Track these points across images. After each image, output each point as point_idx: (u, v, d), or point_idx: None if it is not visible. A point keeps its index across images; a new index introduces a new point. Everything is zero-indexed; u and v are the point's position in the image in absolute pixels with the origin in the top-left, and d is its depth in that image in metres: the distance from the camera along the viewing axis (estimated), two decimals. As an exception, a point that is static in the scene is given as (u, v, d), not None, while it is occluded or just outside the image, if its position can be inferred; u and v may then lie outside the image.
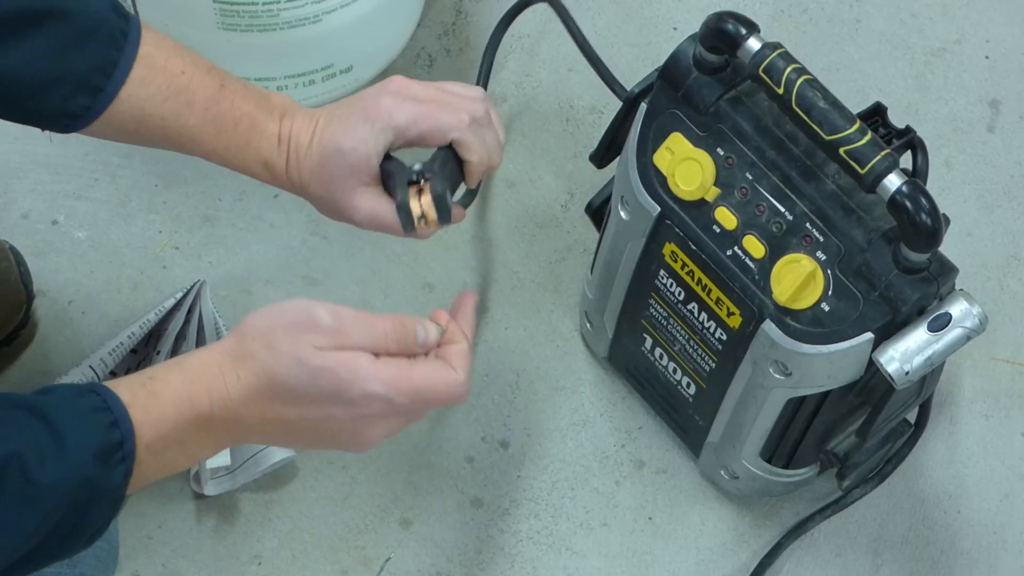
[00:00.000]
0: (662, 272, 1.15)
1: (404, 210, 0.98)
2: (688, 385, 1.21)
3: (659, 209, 1.11)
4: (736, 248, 1.08)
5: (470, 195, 1.31)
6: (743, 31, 1.04)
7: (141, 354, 1.25)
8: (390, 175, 0.99)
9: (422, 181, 0.98)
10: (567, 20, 1.40)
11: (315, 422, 0.90)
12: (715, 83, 1.08)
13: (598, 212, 1.27)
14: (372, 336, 0.89)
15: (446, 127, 0.99)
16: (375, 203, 1.00)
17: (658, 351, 1.22)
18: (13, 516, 0.80)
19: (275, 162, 1.01)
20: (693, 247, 1.10)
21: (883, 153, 1.00)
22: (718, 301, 1.11)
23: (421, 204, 0.98)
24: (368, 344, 0.89)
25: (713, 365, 1.16)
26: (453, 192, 1.01)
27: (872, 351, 1.04)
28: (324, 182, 1.00)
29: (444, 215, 0.98)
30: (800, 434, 1.16)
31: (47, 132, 1.39)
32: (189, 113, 0.98)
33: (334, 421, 0.90)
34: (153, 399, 0.86)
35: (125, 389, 0.86)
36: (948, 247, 1.04)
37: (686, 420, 1.25)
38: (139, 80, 0.96)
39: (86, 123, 0.97)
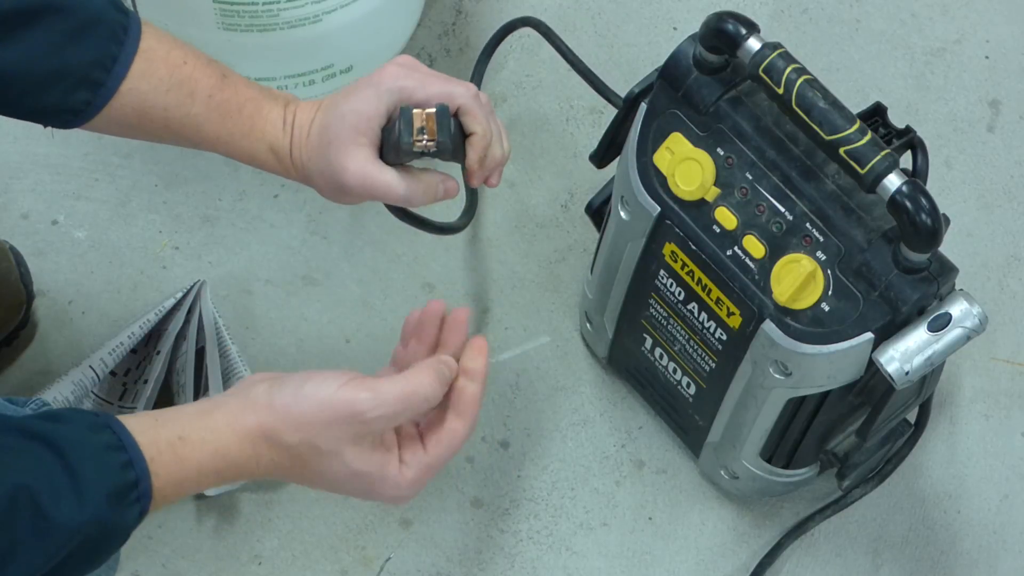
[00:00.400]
0: (662, 272, 1.15)
1: (406, 116, 0.96)
2: (688, 385, 1.21)
3: (659, 209, 1.11)
4: (736, 248, 1.08)
5: (468, 213, 1.26)
6: (743, 31, 1.04)
7: (141, 354, 1.25)
8: (389, 133, 0.98)
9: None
10: (554, 41, 1.39)
11: (338, 493, 0.93)
12: (715, 83, 1.08)
13: (598, 212, 1.27)
14: (413, 409, 0.90)
15: (454, 93, 0.98)
16: (367, 162, 0.97)
17: (658, 351, 1.22)
18: (23, 550, 0.80)
19: (280, 146, 1.00)
20: (693, 247, 1.10)
21: (883, 153, 1.00)
22: (718, 301, 1.11)
23: (423, 116, 0.97)
24: (411, 416, 0.91)
25: (713, 365, 1.16)
26: (454, 155, 0.99)
27: (872, 351, 1.04)
28: (321, 151, 0.98)
29: (444, 130, 0.97)
30: (800, 434, 1.16)
31: (48, 131, 1.40)
32: (192, 102, 0.98)
33: (355, 499, 0.96)
34: (179, 464, 0.86)
35: (151, 444, 0.85)
36: (948, 247, 1.04)
37: (686, 420, 1.25)
38: (140, 73, 0.96)
39: (87, 118, 0.97)
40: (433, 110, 0.97)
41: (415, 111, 0.97)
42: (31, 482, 0.80)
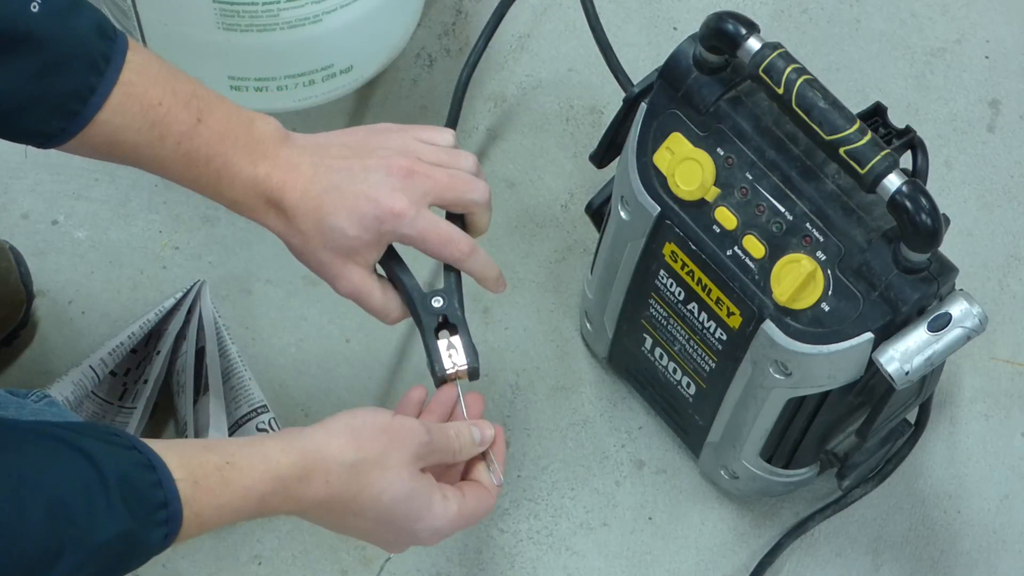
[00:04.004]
0: (662, 272, 1.15)
1: (441, 381, 1.02)
2: (688, 385, 1.21)
3: (659, 209, 1.11)
4: (736, 248, 1.08)
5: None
6: (743, 31, 1.04)
7: (141, 354, 1.25)
8: (399, 283, 1.04)
9: (440, 322, 1.03)
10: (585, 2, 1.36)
11: (373, 534, 0.96)
12: (715, 83, 1.08)
13: (598, 212, 1.27)
14: (450, 451, 0.98)
15: (444, 255, 1.04)
16: (364, 281, 1.02)
17: (658, 351, 1.22)
18: (63, 560, 0.80)
19: (247, 203, 1.00)
20: (693, 247, 1.10)
21: (883, 153, 1.00)
22: (718, 301, 1.11)
23: (455, 365, 1.02)
24: (448, 459, 0.98)
25: (713, 365, 1.16)
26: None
27: (872, 351, 1.04)
28: (314, 246, 1.00)
29: (475, 379, 1.03)
30: (800, 434, 1.16)
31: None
32: (161, 145, 0.97)
33: (391, 536, 0.97)
34: (224, 486, 0.87)
35: (198, 467, 0.87)
36: (948, 247, 1.04)
37: (686, 420, 1.25)
38: (115, 107, 0.95)
39: (60, 143, 0.96)
40: (466, 370, 1.02)
41: (444, 357, 1.02)
42: (67, 492, 0.80)
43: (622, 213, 1.15)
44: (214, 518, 0.87)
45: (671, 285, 1.15)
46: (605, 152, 1.23)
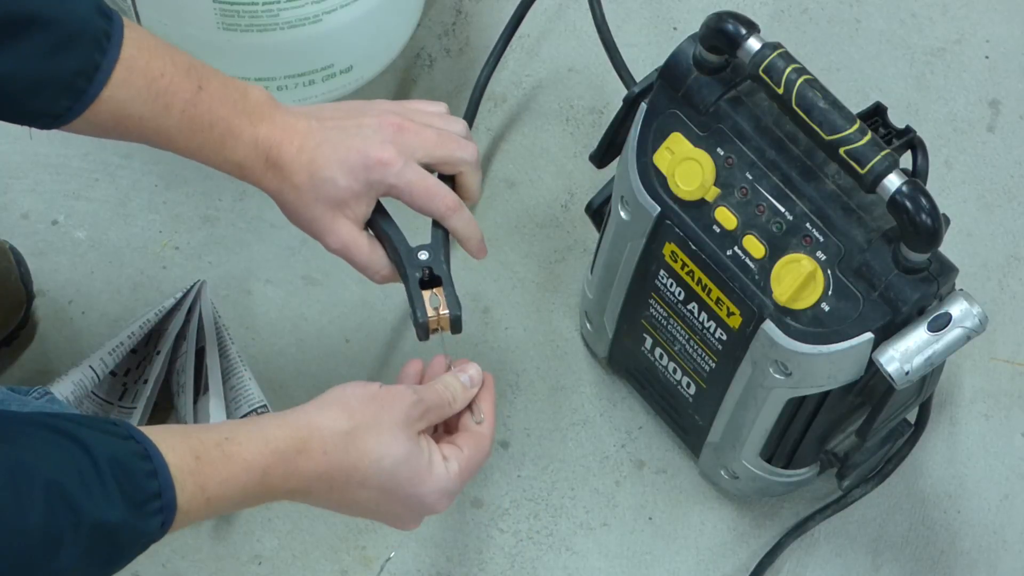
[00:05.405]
0: (662, 272, 1.15)
1: (423, 328, 1.03)
2: (688, 385, 1.21)
3: (659, 209, 1.11)
4: (736, 248, 1.08)
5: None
6: (743, 31, 1.04)
7: (141, 354, 1.25)
8: (386, 237, 1.05)
9: (425, 274, 1.04)
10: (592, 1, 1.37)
11: (381, 507, 0.97)
12: (715, 83, 1.08)
13: (598, 212, 1.27)
14: (444, 403, 0.99)
15: (436, 212, 1.05)
16: (354, 236, 1.04)
17: (658, 351, 1.22)
18: (64, 543, 0.81)
19: (249, 164, 1.02)
20: (693, 247, 1.10)
21: (883, 153, 1.00)
22: (718, 301, 1.11)
23: (439, 318, 1.03)
24: (445, 412, 1.00)
25: (713, 365, 1.16)
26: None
27: (872, 351, 1.04)
28: (307, 200, 1.03)
29: (457, 331, 1.04)
30: (800, 434, 1.16)
31: (47, 131, 1.40)
32: (167, 115, 0.99)
33: (399, 507, 0.97)
34: (226, 461, 0.89)
35: (198, 444, 0.88)
36: (948, 247, 1.04)
37: (686, 420, 1.25)
38: (120, 82, 0.97)
39: (66, 122, 0.98)
40: (448, 319, 1.03)
41: (428, 309, 1.03)
42: (63, 478, 0.81)
43: (622, 213, 1.15)
44: (219, 493, 0.88)
45: (671, 285, 1.15)
46: (605, 152, 1.23)
